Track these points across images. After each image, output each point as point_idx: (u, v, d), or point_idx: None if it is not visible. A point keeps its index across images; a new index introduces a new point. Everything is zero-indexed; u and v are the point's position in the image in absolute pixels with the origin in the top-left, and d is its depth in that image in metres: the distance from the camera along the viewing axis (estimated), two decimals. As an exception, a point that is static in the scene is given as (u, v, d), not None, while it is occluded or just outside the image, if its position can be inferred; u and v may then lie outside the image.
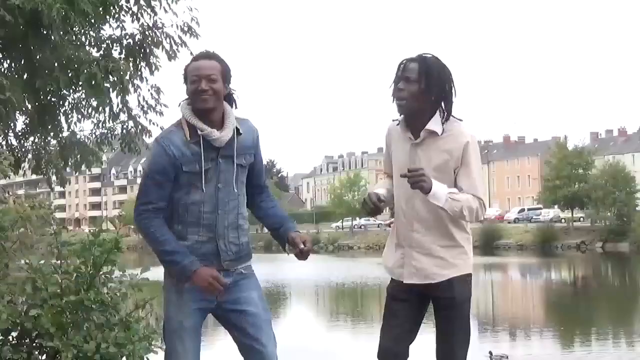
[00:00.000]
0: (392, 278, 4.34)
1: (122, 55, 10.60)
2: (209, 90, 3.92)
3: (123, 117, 11.29)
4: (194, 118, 3.95)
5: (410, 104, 4.10)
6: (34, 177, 14.66)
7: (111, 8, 10.05)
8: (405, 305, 4.24)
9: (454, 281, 4.20)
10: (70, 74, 9.73)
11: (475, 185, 4.15)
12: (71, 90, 10.62)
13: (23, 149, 11.88)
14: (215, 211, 4.01)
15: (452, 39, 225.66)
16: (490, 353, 14.01)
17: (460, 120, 4.19)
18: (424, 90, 4.08)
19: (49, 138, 11.75)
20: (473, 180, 4.15)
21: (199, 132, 3.94)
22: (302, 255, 4.05)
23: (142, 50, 10.65)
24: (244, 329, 4.09)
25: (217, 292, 3.93)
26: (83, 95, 10.85)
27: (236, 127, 4.01)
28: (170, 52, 10.74)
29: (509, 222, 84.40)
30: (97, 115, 11.33)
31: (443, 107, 4.14)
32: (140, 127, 11.40)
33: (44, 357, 4.74)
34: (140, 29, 10.69)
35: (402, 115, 4.21)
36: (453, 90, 4.16)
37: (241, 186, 4.10)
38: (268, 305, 4.26)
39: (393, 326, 4.24)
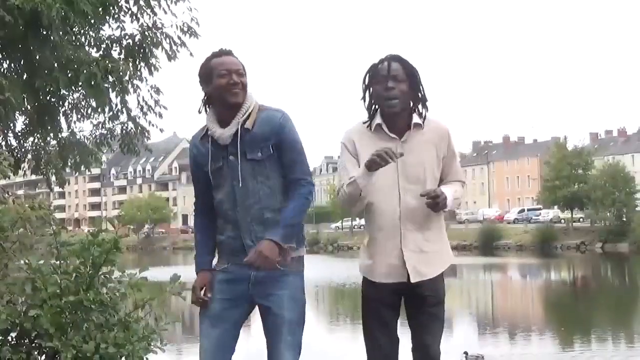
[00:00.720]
0: (369, 284, 4.28)
1: (122, 56, 10.62)
2: (239, 84, 3.99)
3: (122, 117, 11.32)
4: (210, 117, 4.08)
5: (401, 102, 4.16)
6: (33, 177, 14.68)
7: (111, 8, 10.08)
8: (392, 312, 4.26)
9: (438, 278, 4.28)
10: (69, 74, 9.75)
11: (460, 172, 4.41)
12: (71, 91, 10.64)
13: (23, 149, 11.90)
14: (235, 208, 4.05)
15: (451, 40, 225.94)
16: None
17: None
18: (410, 89, 4.18)
19: (49, 138, 11.77)
20: (457, 166, 4.38)
21: (208, 131, 4.07)
22: (247, 263, 3.98)
23: (142, 50, 10.66)
24: (266, 328, 4.10)
25: (194, 301, 4.16)
26: (82, 96, 10.87)
27: (242, 122, 4.01)
28: (170, 53, 10.76)
29: (508, 223, 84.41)
30: (96, 115, 11.36)
31: (420, 104, 4.23)
32: (139, 128, 11.41)
33: (43, 357, 4.74)
34: (139, 29, 10.71)
35: (382, 116, 4.22)
36: (424, 88, 4.27)
37: (263, 179, 4.03)
38: (299, 306, 4.12)
39: (385, 334, 4.25)
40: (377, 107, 4.25)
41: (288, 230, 4.00)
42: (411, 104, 4.22)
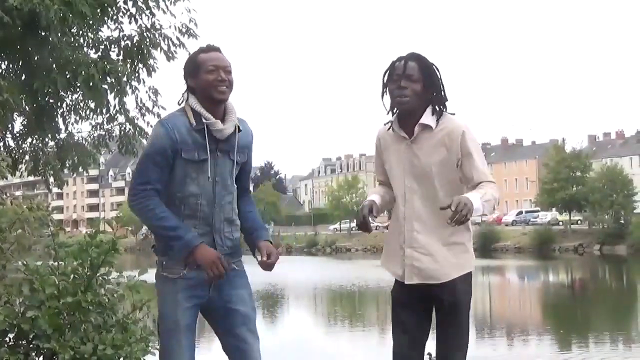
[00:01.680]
0: (395, 281, 4.31)
1: (120, 57, 10.60)
2: (226, 81, 3.98)
3: (121, 119, 11.30)
4: (200, 107, 3.98)
5: (412, 101, 4.11)
6: (31, 178, 14.65)
7: (109, 9, 10.05)
8: (409, 312, 4.22)
9: (457, 281, 4.19)
10: (68, 76, 9.73)
11: (484, 173, 4.13)
12: (69, 92, 10.61)
13: (21, 151, 11.87)
14: (212, 205, 4.01)
15: (450, 41, 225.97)
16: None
17: (453, 114, 4.21)
18: (425, 89, 4.12)
19: (47, 139, 11.74)
20: (478, 165, 4.12)
21: (204, 120, 3.96)
22: (265, 265, 4.03)
23: (140, 51, 10.64)
24: (232, 329, 4.07)
25: (217, 274, 3.89)
26: (81, 97, 10.84)
27: (237, 125, 4.04)
28: (169, 54, 10.74)
29: (506, 225, 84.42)
30: (94, 116, 11.33)
31: (436, 104, 4.16)
32: (137, 129, 11.40)
33: (40, 358, 4.74)
34: (138, 30, 10.68)
35: (396, 115, 4.22)
36: (444, 88, 4.20)
37: (234, 182, 4.11)
38: (255, 303, 4.27)
39: (401, 333, 4.24)
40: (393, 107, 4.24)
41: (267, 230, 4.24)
42: (427, 104, 4.15)
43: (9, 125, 10.97)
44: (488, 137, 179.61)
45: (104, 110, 11.03)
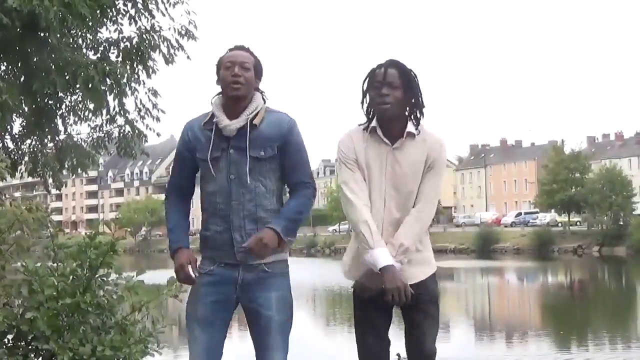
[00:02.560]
0: (360, 286, 4.30)
1: (120, 59, 10.61)
2: (241, 77, 3.98)
3: (120, 120, 11.31)
4: (217, 106, 4.05)
5: (394, 108, 4.14)
6: (30, 179, 14.67)
7: (108, 11, 10.07)
8: (382, 314, 4.25)
9: (430, 279, 4.29)
10: (67, 77, 9.74)
11: (435, 193, 4.23)
12: (68, 93, 10.63)
13: (20, 152, 11.89)
14: (229, 202, 4.01)
15: (450, 44, 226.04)
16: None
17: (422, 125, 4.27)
18: (405, 96, 4.16)
19: (46, 141, 11.76)
20: (436, 186, 4.23)
21: (214, 119, 4.02)
22: (243, 249, 3.98)
23: (140, 53, 10.65)
24: (255, 330, 4.10)
25: (182, 278, 4.05)
26: (80, 98, 10.86)
27: (251, 119, 4.01)
28: (168, 56, 10.75)
29: (505, 226, 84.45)
30: (94, 118, 11.34)
31: (416, 110, 4.20)
32: (136, 130, 11.41)
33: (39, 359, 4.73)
34: (137, 32, 10.70)
35: (377, 121, 4.21)
36: (422, 94, 4.24)
37: (261, 178, 4.03)
38: (288, 308, 4.16)
39: (374, 337, 4.27)
40: (372, 111, 4.25)
41: (290, 224, 4.04)
42: (407, 111, 4.20)
43: (8, 127, 10.98)
44: (487, 139, 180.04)
45: (103, 112, 11.05)
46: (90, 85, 9.61)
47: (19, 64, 10.20)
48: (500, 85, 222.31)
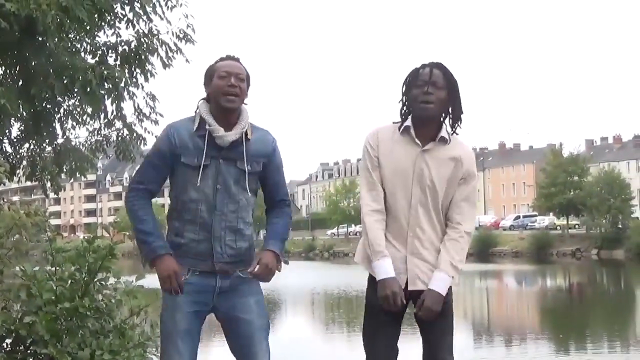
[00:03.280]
0: (373, 288, 4.24)
1: (117, 62, 10.59)
2: (237, 88, 3.97)
3: (118, 124, 11.30)
4: (207, 114, 4.00)
5: (436, 109, 4.14)
6: (28, 183, 14.64)
7: (106, 15, 10.04)
8: (393, 318, 4.20)
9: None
10: (65, 81, 9.72)
11: (472, 205, 4.25)
12: (66, 97, 10.61)
13: (18, 156, 11.87)
14: (212, 212, 3.99)
15: (447, 46, 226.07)
16: None
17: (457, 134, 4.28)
18: (448, 98, 4.17)
19: (44, 145, 11.74)
20: (472, 199, 4.26)
21: (207, 127, 3.97)
22: (253, 275, 4.01)
23: (138, 57, 10.63)
24: (237, 337, 4.08)
25: (169, 288, 3.91)
26: (78, 102, 10.84)
27: (245, 132, 4.01)
28: (166, 59, 10.73)
29: (504, 230, 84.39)
30: (92, 122, 11.33)
31: (455, 115, 4.22)
32: (135, 134, 11.40)
33: (38, 364, 4.73)
34: (135, 35, 10.68)
35: (412, 120, 4.20)
36: (461, 101, 4.25)
37: (244, 192, 4.05)
38: (266, 312, 4.20)
39: (384, 339, 4.21)
40: (409, 110, 4.22)
41: (283, 245, 4.15)
42: (445, 114, 4.21)
43: (7, 131, 10.96)
44: (486, 142, 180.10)
45: (102, 116, 11.03)
46: (88, 90, 9.59)
47: (17, 68, 10.19)
48: (498, 89, 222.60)
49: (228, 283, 4.03)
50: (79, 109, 11.12)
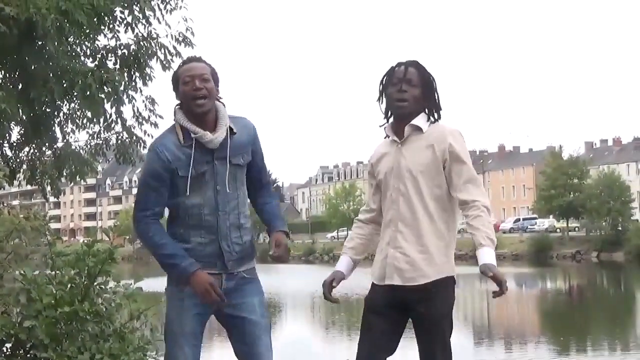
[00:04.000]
0: (370, 288, 4.26)
1: (117, 66, 10.60)
2: (203, 89, 3.94)
3: (118, 128, 11.30)
4: (186, 121, 3.97)
5: (411, 106, 4.15)
6: (28, 187, 14.64)
7: (105, 19, 10.05)
8: (381, 320, 4.13)
9: (435, 289, 4.09)
10: (64, 85, 9.73)
11: (470, 180, 4.09)
12: (66, 101, 10.61)
13: (18, 160, 11.87)
14: (216, 213, 4.01)
15: (448, 49, 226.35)
16: None
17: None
18: (423, 96, 4.18)
19: (44, 149, 11.74)
20: (467, 174, 4.10)
21: (192, 135, 3.95)
22: (274, 258, 4.05)
23: (137, 60, 10.64)
24: (242, 337, 4.08)
25: (212, 300, 3.92)
26: (77, 106, 10.84)
27: (230, 127, 4.02)
28: (165, 63, 10.74)
29: (504, 232, 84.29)
30: (91, 126, 11.32)
31: (431, 111, 4.21)
32: (134, 137, 11.40)
33: (38, 368, 4.72)
34: (134, 39, 10.68)
35: (392, 119, 4.24)
36: (439, 98, 4.26)
37: (240, 185, 4.09)
38: (268, 312, 4.24)
39: (367, 340, 4.15)
40: (390, 111, 4.26)
41: (285, 223, 4.22)
42: (421, 112, 4.20)
43: (6, 135, 10.96)
44: (485, 145, 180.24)
45: (101, 120, 11.02)
46: (87, 93, 9.60)
47: (17, 72, 10.19)
48: (498, 91, 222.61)
49: (233, 283, 4.05)
50: (78, 113, 11.12)
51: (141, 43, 10.67)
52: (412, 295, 4.08)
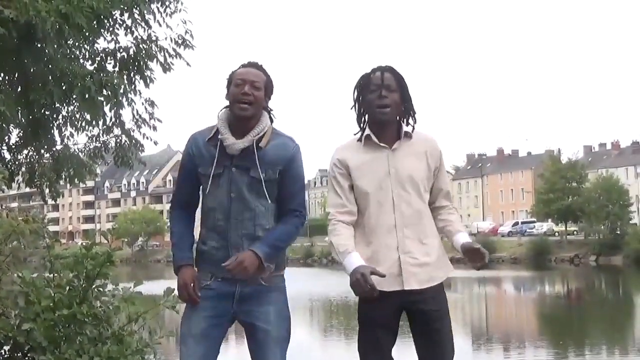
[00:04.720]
0: (371, 300, 4.01)
1: (116, 69, 10.60)
2: (250, 96, 3.94)
3: (117, 131, 11.30)
4: (222, 122, 4.02)
5: (392, 111, 4.18)
6: (27, 190, 14.65)
7: (105, 21, 10.05)
8: (390, 335, 4.13)
9: (439, 288, 4.20)
10: (64, 88, 9.74)
11: (447, 189, 4.43)
12: (65, 104, 10.62)
13: (17, 162, 11.88)
14: (228, 220, 4.00)
15: (447, 52, 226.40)
16: None
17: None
18: (402, 99, 4.21)
19: (43, 151, 11.75)
20: (447, 182, 4.42)
21: (219, 136, 3.99)
22: (227, 269, 3.93)
23: (136, 63, 10.64)
24: (252, 344, 4.08)
25: (185, 298, 4.04)
26: (77, 109, 10.85)
27: (257, 140, 3.98)
28: (165, 65, 10.75)
29: (502, 236, 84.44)
30: (90, 128, 11.33)
31: (410, 114, 4.26)
32: (133, 140, 11.40)
33: (36, 370, 4.72)
34: (134, 42, 10.69)
35: (370, 127, 4.22)
36: (412, 100, 4.30)
37: (260, 198, 4.01)
38: (287, 323, 4.14)
39: (376, 353, 4.11)
40: (366, 117, 4.25)
41: (272, 251, 4.01)
42: (399, 117, 4.24)
43: (5, 137, 10.97)
44: (484, 148, 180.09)
45: (100, 122, 11.02)
46: (86, 96, 9.60)
47: (16, 75, 10.20)
48: (496, 95, 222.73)
49: (248, 290, 4.02)
50: (77, 116, 11.13)
51: (140, 46, 10.67)
52: (421, 297, 4.12)
